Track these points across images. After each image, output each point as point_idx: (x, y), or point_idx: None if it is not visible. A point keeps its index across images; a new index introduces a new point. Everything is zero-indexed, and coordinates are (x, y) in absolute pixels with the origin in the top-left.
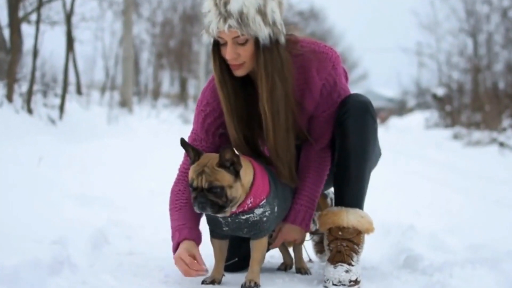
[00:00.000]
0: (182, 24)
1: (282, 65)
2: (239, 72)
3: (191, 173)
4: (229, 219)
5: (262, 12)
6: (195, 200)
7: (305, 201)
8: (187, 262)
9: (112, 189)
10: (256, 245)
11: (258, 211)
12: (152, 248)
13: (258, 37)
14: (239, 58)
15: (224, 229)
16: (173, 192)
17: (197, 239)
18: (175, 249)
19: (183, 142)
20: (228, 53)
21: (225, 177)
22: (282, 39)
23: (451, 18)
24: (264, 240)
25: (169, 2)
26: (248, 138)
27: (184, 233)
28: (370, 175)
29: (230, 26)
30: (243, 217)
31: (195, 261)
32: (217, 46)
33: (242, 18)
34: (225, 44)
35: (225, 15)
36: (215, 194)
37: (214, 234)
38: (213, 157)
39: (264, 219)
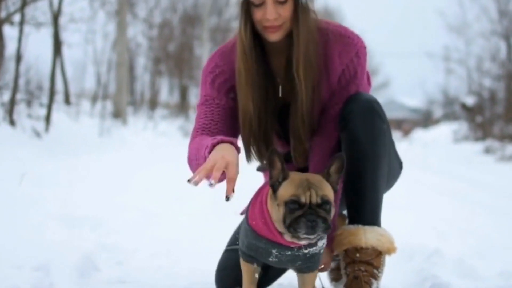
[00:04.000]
0: (182, 25)
1: (313, 29)
2: (275, 36)
3: (293, 190)
4: (288, 252)
5: None
6: (300, 218)
7: None
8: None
9: (102, 209)
10: (309, 279)
11: (321, 242)
12: (147, 275)
13: None
14: (279, 19)
15: (271, 259)
16: (193, 142)
17: (236, 146)
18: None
19: (273, 152)
20: (270, 13)
21: (331, 194)
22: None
23: (482, 19)
24: (316, 272)
25: (168, 2)
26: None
27: (218, 139)
28: (385, 185)
29: None
30: (306, 250)
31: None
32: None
33: None
34: (261, 5)
35: None
36: (325, 211)
37: (248, 259)
38: (312, 174)
39: (321, 251)
